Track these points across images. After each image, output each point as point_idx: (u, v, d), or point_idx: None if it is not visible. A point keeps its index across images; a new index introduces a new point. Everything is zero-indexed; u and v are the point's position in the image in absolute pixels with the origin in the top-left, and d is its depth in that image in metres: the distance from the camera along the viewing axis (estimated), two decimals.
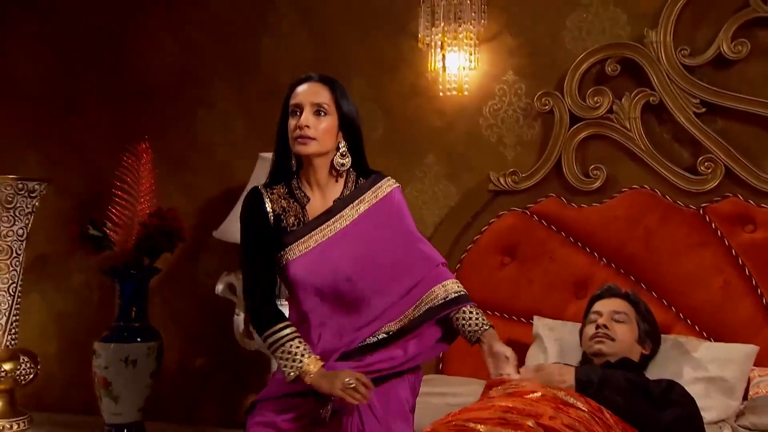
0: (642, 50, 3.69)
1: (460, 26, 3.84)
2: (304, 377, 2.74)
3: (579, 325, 3.38)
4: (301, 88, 2.77)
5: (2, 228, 3.96)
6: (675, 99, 3.65)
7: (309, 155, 2.76)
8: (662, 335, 3.33)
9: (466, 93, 3.97)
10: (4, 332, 3.97)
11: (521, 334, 3.83)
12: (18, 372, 3.97)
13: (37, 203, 4.00)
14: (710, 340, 3.57)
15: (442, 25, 3.85)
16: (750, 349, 3.42)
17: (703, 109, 3.61)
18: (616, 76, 3.76)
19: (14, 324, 4.03)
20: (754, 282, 3.59)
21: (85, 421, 4.37)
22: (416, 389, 2.94)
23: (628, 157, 3.79)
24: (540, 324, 3.72)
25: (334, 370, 2.86)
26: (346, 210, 2.85)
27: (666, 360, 3.30)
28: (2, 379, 3.90)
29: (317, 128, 2.73)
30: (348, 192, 2.87)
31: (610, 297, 3.24)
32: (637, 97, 3.70)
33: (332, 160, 2.82)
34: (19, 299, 4.06)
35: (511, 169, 3.92)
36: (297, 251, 2.81)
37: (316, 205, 2.86)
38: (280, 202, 2.90)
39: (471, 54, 3.88)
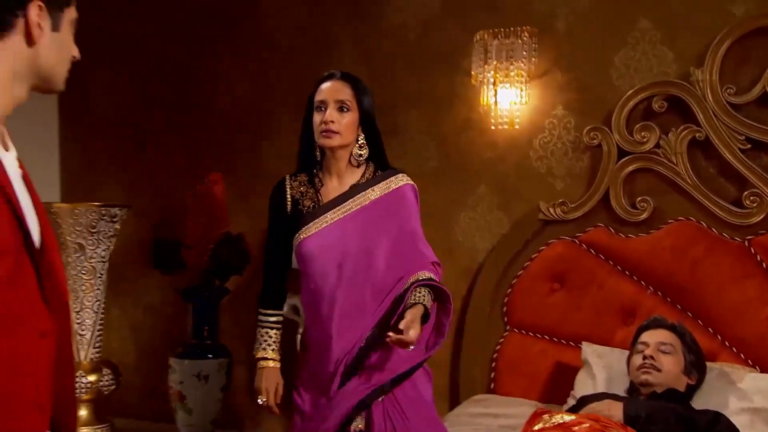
0: (688, 88, 3.65)
1: (511, 64, 3.84)
2: (258, 361, 3.03)
3: (626, 352, 3.36)
4: (326, 86, 2.89)
5: (87, 251, 4.05)
6: (721, 135, 3.62)
7: (332, 148, 2.88)
8: (708, 364, 3.31)
9: (517, 126, 3.97)
10: (89, 346, 4.08)
11: (571, 358, 3.81)
12: (101, 383, 4.08)
13: (118, 227, 4.10)
14: (756, 370, 3.51)
15: (495, 63, 3.85)
16: None
17: (749, 146, 3.58)
18: (663, 112, 3.72)
19: (98, 339, 4.12)
20: None
21: (162, 429, 4.45)
22: (431, 380, 3.04)
23: (674, 191, 3.75)
24: (588, 350, 3.69)
25: (271, 375, 3.11)
26: (359, 196, 2.95)
27: (711, 390, 3.26)
28: (87, 390, 4.00)
29: (340, 123, 2.84)
30: (364, 180, 2.96)
31: (656, 328, 3.22)
32: (683, 133, 3.67)
33: (351, 151, 2.94)
34: (102, 315, 4.16)
35: (561, 200, 3.90)
36: (309, 230, 2.92)
37: (332, 190, 2.96)
38: (300, 188, 3.02)
39: (522, 90, 3.88)
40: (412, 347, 2.73)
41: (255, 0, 4.71)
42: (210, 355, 4.27)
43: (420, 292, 2.81)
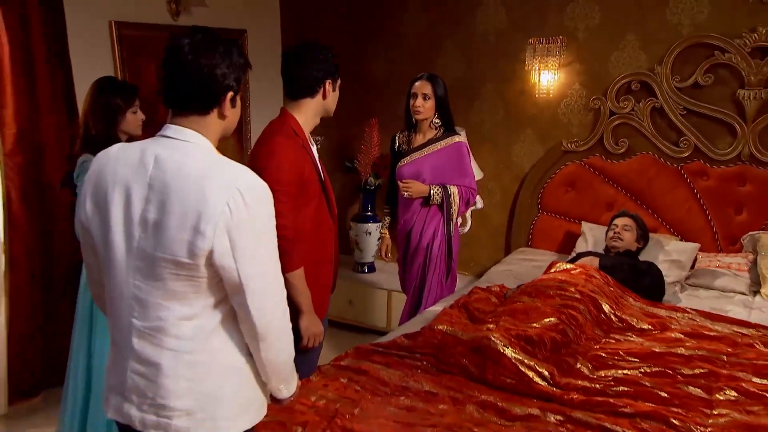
0: (652, 77, 3.83)
1: (549, 58, 4.06)
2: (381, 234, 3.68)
3: (605, 228, 3.69)
4: (417, 83, 3.29)
5: None
6: (669, 105, 3.83)
7: (418, 120, 3.31)
8: (651, 235, 3.64)
9: (551, 95, 4.18)
10: None
11: (575, 230, 4.12)
12: None
13: (318, 147, 4.00)
14: (678, 238, 3.84)
15: (539, 57, 4.07)
16: (695, 245, 3.76)
17: (685, 112, 3.82)
18: (637, 90, 3.92)
19: None
20: (705, 209, 3.82)
21: (346, 258, 4.50)
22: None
23: (640, 136, 3.97)
24: (586, 226, 4.02)
25: (384, 240, 3.65)
26: (431, 146, 3.37)
27: (651, 249, 3.62)
28: None
29: (423, 106, 3.27)
30: (435, 137, 3.37)
31: (622, 216, 3.59)
32: (648, 103, 3.89)
33: (430, 121, 3.34)
34: None
35: (574, 139, 4.15)
36: (403, 162, 3.39)
37: (417, 141, 3.38)
38: (402, 138, 3.47)
39: (554, 73, 4.09)
40: (406, 194, 3.30)
41: (399, 15, 4.71)
42: (371, 221, 4.62)
43: (437, 190, 3.30)
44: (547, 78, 4.14)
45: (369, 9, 4.77)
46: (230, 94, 1.62)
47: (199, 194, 1.51)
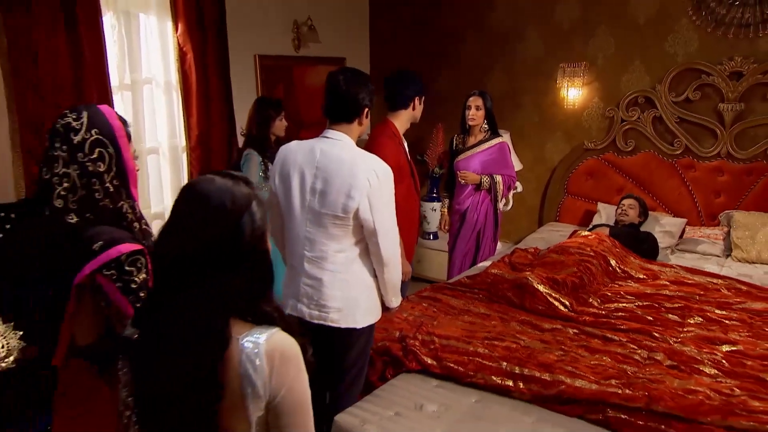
0: (654, 93, 3.96)
1: (575, 78, 4.18)
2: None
3: (616, 206, 3.82)
4: (471, 98, 3.36)
5: None
6: (667, 115, 3.95)
7: (471, 126, 3.39)
8: (650, 213, 3.84)
9: (576, 106, 4.29)
10: None
11: (592, 208, 4.24)
12: None
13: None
14: (670, 215, 3.99)
15: (567, 77, 4.20)
16: (683, 220, 3.90)
17: (678, 120, 3.94)
18: (642, 103, 4.04)
19: None
20: (692, 193, 3.95)
21: None
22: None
23: (644, 138, 4.08)
24: (601, 206, 4.16)
25: (443, 217, 3.57)
26: (481, 145, 3.41)
27: (649, 223, 3.80)
28: None
29: (476, 116, 3.34)
30: (483, 139, 3.41)
31: (628, 198, 3.77)
32: (650, 112, 4.02)
33: (480, 126, 3.39)
34: None
35: (593, 140, 4.28)
36: (459, 158, 3.46)
37: (470, 142, 3.42)
38: (458, 139, 3.51)
39: (579, 89, 4.21)
40: (463, 181, 3.35)
41: (459, 44, 4.73)
42: (435, 201, 4.67)
43: (486, 178, 3.37)
44: (573, 93, 4.24)
45: (436, 40, 4.83)
46: (366, 110, 1.98)
47: (350, 174, 1.94)
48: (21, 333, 2.01)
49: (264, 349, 0.99)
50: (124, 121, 1.38)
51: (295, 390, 1.02)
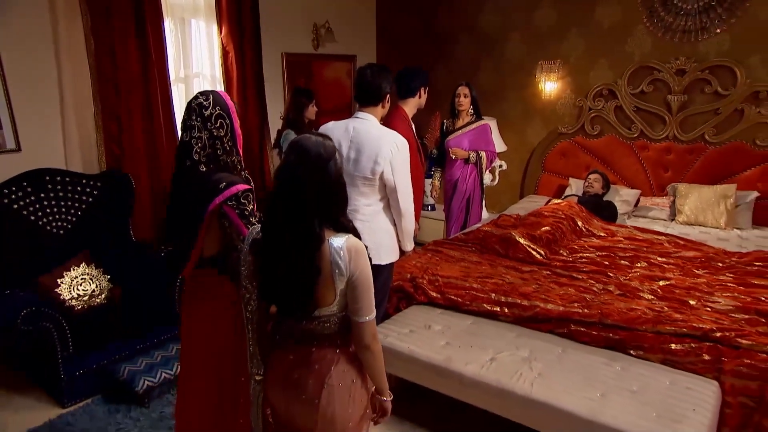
0: (616, 86, 4.21)
1: (550, 73, 4.45)
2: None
3: (584, 180, 4.06)
4: (459, 87, 3.50)
5: None
6: (626, 104, 4.21)
7: (459, 111, 3.52)
8: (611, 185, 4.08)
9: (551, 97, 4.53)
10: None
11: (565, 183, 4.48)
12: None
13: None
14: (627, 187, 4.23)
15: (544, 73, 4.46)
16: (638, 191, 4.13)
17: (635, 108, 4.18)
18: (606, 94, 4.30)
19: None
20: (645, 169, 4.18)
21: None
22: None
23: (608, 123, 4.34)
24: (572, 180, 4.42)
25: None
26: (467, 127, 3.52)
27: (611, 194, 4.05)
28: None
29: (464, 102, 3.47)
30: (470, 121, 3.52)
31: (594, 173, 4.02)
32: (612, 102, 4.28)
33: (466, 111, 3.51)
34: None
35: (566, 125, 4.50)
36: (449, 138, 3.56)
37: (459, 124, 3.54)
38: (448, 122, 3.60)
39: (554, 83, 4.47)
40: (454, 156, 3.42)
41: (453, 45, 4.81)
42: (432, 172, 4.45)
43: (472, 154, 3.46)
44: (550, 86, 4.51)
45: (433, 40, 5.03)
46: (388, 96, 2.22)
47: (377, 145, 2.19)
48: (109, 276, 2.39)
49: (345, 246, 1.28)
50: (233, 103, 1.63)
51: (364, 272, 1.31)
